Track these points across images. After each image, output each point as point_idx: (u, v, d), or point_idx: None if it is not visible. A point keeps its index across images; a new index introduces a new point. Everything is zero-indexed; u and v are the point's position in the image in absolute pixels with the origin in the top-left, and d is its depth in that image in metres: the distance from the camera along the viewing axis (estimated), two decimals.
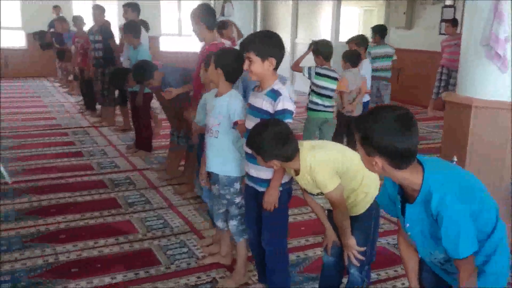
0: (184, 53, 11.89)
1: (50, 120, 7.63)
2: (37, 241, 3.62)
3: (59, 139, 6.48)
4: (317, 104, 4.78)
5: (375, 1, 12.43)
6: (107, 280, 3.13)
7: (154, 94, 5.17)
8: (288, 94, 2.74)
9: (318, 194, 2.60)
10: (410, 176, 1.76)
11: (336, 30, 10.33)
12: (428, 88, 8.91)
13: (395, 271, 3.31)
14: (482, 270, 1.82)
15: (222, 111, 2.97)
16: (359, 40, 5.64)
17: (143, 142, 5.82)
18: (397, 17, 10.49)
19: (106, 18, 7.22)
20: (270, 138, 2.44)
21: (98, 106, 7.93)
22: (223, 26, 7.59)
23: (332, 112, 4.91)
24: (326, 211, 2.72)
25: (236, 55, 2.99)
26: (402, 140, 1.68)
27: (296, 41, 11.41)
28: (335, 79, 4.79)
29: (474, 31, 3.63)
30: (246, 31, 7.58)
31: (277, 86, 2.71)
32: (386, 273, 3.31)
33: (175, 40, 13.71)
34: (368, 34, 11.81)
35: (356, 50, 5.52)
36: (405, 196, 1.86)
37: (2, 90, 10.19)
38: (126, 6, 6.59)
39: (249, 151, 2.61)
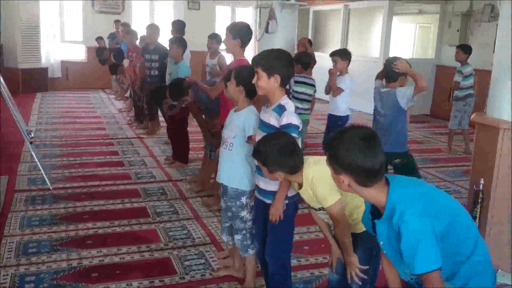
0: None
1: (100, 130, 7.97)
2: (65, 245, 3.81)
3: (104, 149, 6.78)
4: (297, 108, 5.05)
5: (431, 18, 12.20)
6: (123, 286, 3.26)
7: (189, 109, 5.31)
8: (293, 109, 2.79)
9: (320, 209, 2.62)
10: (376, 194, 1.79)
11: (386, 46, 10.19)
12: (482, 107, 8.61)
13: None
14: None
15: (239, 124, 3.05)
16: (342, 54, 5.49)
17: (180, 154, 5.98)
18: (451, 34, 10.25)
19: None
20: (275, 149, 2.51)
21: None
22: None
23: (309, 114, 5.69)
24: (333, 227, 2.72)
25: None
26: (365, 158, 1.74)
27: None
28: (312, 85, 5.50)
29: (503, 51, 3.54)
30: (291, 48, 7.68)
31: (284, 101, 2.78)
32: None
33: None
34: (425, 50, 11.71)
35: None
36: (379, 214, 1.87)
37: (62, 101, 10.78)
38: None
39: (256, 162, 2.67)
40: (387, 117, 4.28)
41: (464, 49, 7.28)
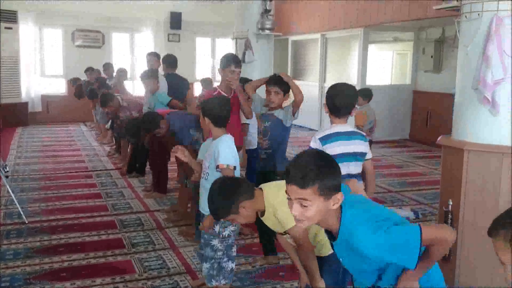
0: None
1: (79, 163, 7.96)
2: (39, 278, 3.78)
3: (82, 181, 6.76)
4: None
5: (407, 45, 12.48)
6: None
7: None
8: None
9: (285, 233, 2.64)
10: (330, 218, 1.83)
11: (362, 73, 10.40)
12: None
13: None
14: None
15: (211, 153, 3.11)
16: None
17: (158, 185, 5.99)
18: (425, 60, 10.51)
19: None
20: (219, 199, 2.47)
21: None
22: None
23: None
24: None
25: (220, 102, 3.17)
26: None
27: (324, 85, 11.54)
28: None
29: (466, 74, 3.65)
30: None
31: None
32: None
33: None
34: (402, 76, 12.12)
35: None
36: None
37: (43, 135, 10.76)
38: (152, 56, 6.92)
39: None
40: None
41: None
